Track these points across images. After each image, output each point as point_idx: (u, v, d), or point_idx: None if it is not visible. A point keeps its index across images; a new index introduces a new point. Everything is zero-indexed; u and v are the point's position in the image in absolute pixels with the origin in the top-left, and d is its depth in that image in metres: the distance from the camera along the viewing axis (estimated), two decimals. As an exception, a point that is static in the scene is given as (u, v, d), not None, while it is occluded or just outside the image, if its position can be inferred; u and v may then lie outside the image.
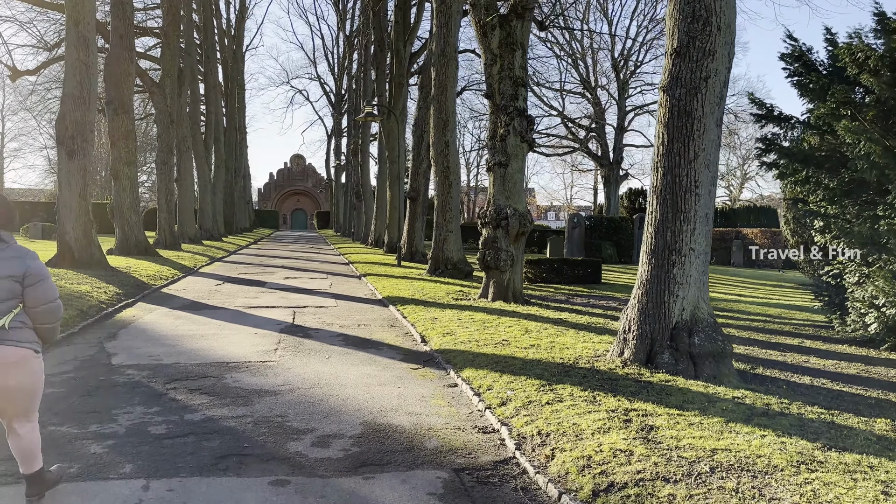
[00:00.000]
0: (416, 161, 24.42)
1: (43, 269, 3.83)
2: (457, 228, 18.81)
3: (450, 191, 18.61)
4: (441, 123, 18.63)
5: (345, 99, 64.93)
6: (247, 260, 25.64)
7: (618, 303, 14.04)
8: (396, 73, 29.49)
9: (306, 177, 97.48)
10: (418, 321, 10.49)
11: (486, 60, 13.28)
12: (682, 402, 5.70)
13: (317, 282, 17.58)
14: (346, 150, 57.24)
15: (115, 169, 21.78)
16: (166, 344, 8.76)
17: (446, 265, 18.57)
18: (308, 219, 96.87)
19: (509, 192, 13.05)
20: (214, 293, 14.56)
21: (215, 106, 42.10)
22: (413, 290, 14.79)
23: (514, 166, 13.05)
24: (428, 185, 24.61)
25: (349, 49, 58.08)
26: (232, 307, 12.40)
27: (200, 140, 38.20)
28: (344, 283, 17.66)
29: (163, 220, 27.43)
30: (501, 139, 12.98)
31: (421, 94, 24.35)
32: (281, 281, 17.49)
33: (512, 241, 13.01)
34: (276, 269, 21.11)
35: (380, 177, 33.91)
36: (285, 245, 40.00)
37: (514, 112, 12.93)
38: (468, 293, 14.42)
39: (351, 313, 11.92)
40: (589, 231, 33.30)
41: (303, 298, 13.88)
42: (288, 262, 24.44)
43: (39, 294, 3.77)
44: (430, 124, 18.87)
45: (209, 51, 40.46)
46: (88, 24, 16.45)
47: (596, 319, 10.91)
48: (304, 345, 8.83)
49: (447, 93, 18.56)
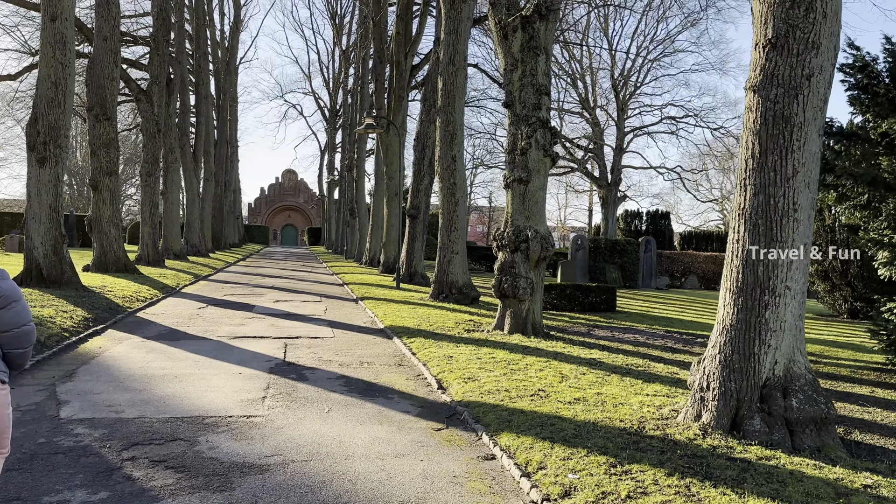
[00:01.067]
0: (416, 177, 23.06)
1: (15, 289, 3.47)
2: (463, 249, 17.40)
3: (456, 208, 17.22)
4: (448, 136, 17.28)
5: (339, 114, 63.72)
6: (234, 279, 24.09)
7: (646, 337, 12.63)
8: (397, 85, 28.21)
9: (298, 192, 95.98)
10: (431, 359, 9.03)
11: (506, 66, 11.95)
12: (807, 498, 4.27)
13: (310, 306, 16.09)
14: (339, 166, 55.90)
15: (95, 179, 20.27)
16: (132, 388, 7.26)
17: (451, 289, 17.13)
18: (299, 235, 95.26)
19: (530, 211, 11.67)
20: (196, 319, 13.03)
21: (206, 117, 40.68)
22: (418, 318, 13.33)
23: (536, 183, 11.68)
24: (429, 203, 23.23)
25: (345, 63, 56.97)
26: (214, 337, 10.89)
27: (189, 152, 36.74)
28: (340, 307, 16.17)
29: (146, 235, 25.87)
30: (522, 153, 11.62)
31: (423, 106, 23.05)
32: (271, 304, 15.99)
33: (532, 267, 11.61)
34: (265, 290, 19.59)
35: (376, 193, 32.49)
36: (275, 262, 38.44)
37: (537, 123, 11.58)
38: (480, 323, 12.98)
39: (350, 347, 10.44)
40: (592, 254, 31.98)
41: (295, 326, 12.39)
42: (278, 282, 22.93)
43: (12, 317, 3.41)
44: (436, 137, 17.53)
45: (201, 60, 39.11)
46: (66, 21, 15.02)
47: (634, 360, 9.48)
48: (297, 391, 7.35)
49: (455, 104, 17.23)
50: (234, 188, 59.27)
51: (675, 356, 10.34)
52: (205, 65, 40.35)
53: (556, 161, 11.94)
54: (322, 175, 76.33)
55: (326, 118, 70.57)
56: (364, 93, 38.34)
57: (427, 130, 22.89)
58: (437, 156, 17.50)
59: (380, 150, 31.66)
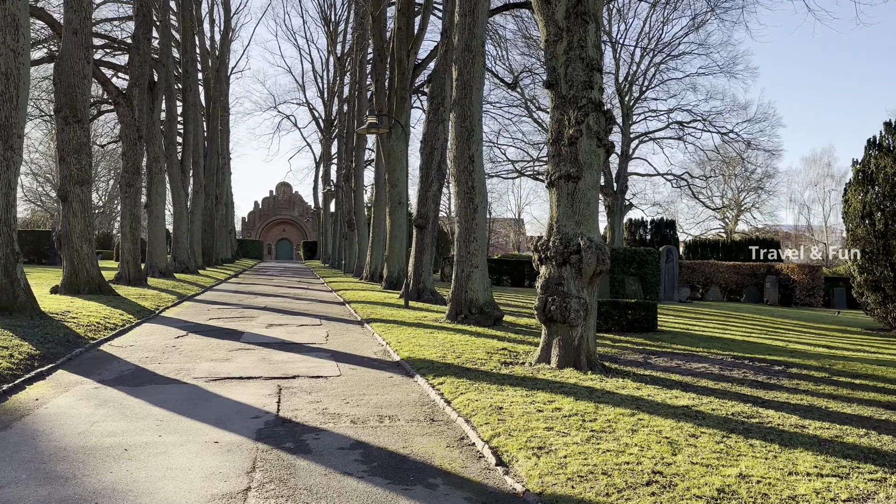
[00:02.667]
0: (424, 183, 20.82)
1: None
2: (483, 263, 15.15)
3: (475, 216, 14.98)
4: (464, 133, 15.06)
5: (335, 124, 61.66)
6: (223, 298, 21.77)
7: (717, 366, 10.39)
8: (398, 85, 26.05)
9: (293, 205, 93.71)
10: (473, 412, 6.75)
11: (548, 37, 9.75)
12: None
13: (308, 331, 13.78)
14: (335, 177, 53.70)
15: (64, 189, 17.99)
16: (57, 474, 4.96)
17: (470, 309, 14.86)
18: (294, 249, 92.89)
19: (581, 215, 9.44)
20: (171, 352, 10.72)
21: (194, 126, 38.44)
22: (439, 346, 11.05)
23: (588, 180, 9.46)
24: (438, 211, 21.00)
25: (340, 71, 54.95)
26: (189, 379, 8.59)
27: (177, 162, 34.46)
28: (343, 332, 13.88)
29: (126, 251, 23.55)
30: (570, 143, 9.39)
31: (430, 105, 20.87)
32: (262, 330, 13.68)
33: (585, 285, 9.36)
34: (257, 312, 17.27)
35: (377, 203, 30.25)
36: (269, 278, 36.10)
37: (589, 105, 9.37)
38: (516, 353, 10.70)
39: (363, 390, 8.15)
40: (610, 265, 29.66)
41: (291, 360, 10.09)
42: (272, 302, 20.61)
43: None
44: (451, 134, 15.33)
45: (188, 65, 36.91)
46: (19, 0, 12.80)
47: (736, 406, 7.21)
48: (296, 475, 5.05)
49: (472, 95, 15.02)
50: (226, 201, 56.96)
51: (773, 395, 8.10)
52: (193, 71, 38.18)
53: (612, 152, 9.73)
54: (317, 187, 74.22)
55: (321, 128, 68.56)
56: (362, 98, 36.19)
57: (435, 131, 20.69)
58: (452, 156, 15.28)
59: (380, 156, 29.46)
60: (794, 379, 9.71)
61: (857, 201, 21.28)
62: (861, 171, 21.38)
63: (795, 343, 15.32)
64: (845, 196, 22.34)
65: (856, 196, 21.42)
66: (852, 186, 21.75)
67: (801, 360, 11.87)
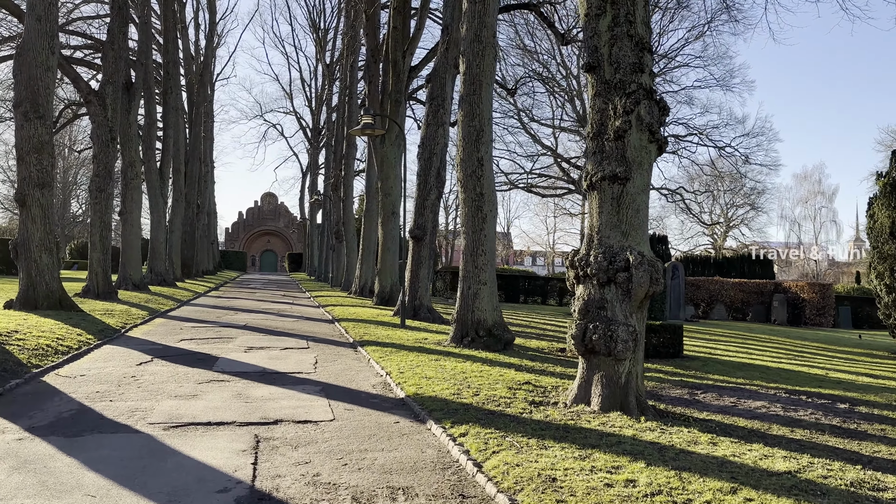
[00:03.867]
0: (421, 191, 19.12)
1: None
2: (492, 279, 13.45)
3: (483, 226, 13.30)
4: (473, 133, 13.41)
5: (322, 133, 59.93)
6: (200, 314, 19.88)
7: (779, 405, 8.76)
8: (393, 88, 24.42)
9: (278, 216, 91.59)
10: (520, 487, 5.01)
11: (589, 10, 8.13)
12: None
13: (294, 356, 11.98)
14: (323, 187, 51.89)
15: (22, 192, 16.12)
16: None
17: (477, 331, 13.14)
18: (279, 261, 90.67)
19: (629, 224, 7.78)
20: (128, 385, 8.90)
21: (175, 131, 36.55)
22: (450, 378, 9.32)
23: (638, 182, 7.81)
24: (437, 222, 19.30)
25: (329, 79, 53.33)
26: (143, 425, 6.81)
27: (155, 168, 32.57)
28: (334, 357, 12.09)
29: (95, 261, 21.63)
30: (616, 137, 7.75)
31: (430, 107, 19.21)
32: (240, 355, 11.86)
33: (635, 309, 7.69)
34: (235, 332, 15.44)
35: (367, 213, 28.51)
36: (252, 291, 34.17)
37: (640, 92, 7.75)
38: (542, 387, 8.99)
39: (365, 446, 6.39)
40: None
41: (273, 398, 8.31)
42: (253, 319, 18.77)
43: None
44: (458, 135, 13.66)
45: (170, 66, 35.06)
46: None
47: (853, 472, 5.55)
48: None
49: (482, 91, 13.38)
50: (208, 210, 54.96)
51: (870, 448, 6.49)
52: (175, 73, 36.33)
53: (665, 149, 8.09)
54: (304, 197, 72.28)
55: (309, 138, 66.82)
56: (352, 104, 34.54)
57: (434, 135, 19.03)
58: (459, 159, 13.60)
59: (372, 163, 27.76)
60: (873, 422, 8.11)
61: (885, 217, 19.86)
62: (889, 185, 19.98)
63: (833, 371, 13.76)
64: (870, 211, 20.92)
65: (883, 211, 20.01)
66: (879, 200, 20.33)
67: (860, 395, 10.29)
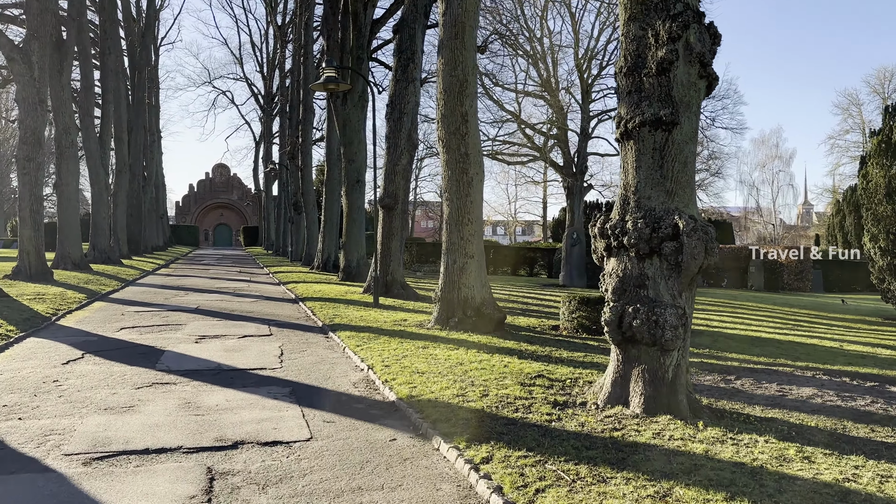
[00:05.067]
0: (391, 155, 17.33)
1: None
2: (479, 251, 11.87)
3: (469, 191, 11.67)
4: (455, 85, 11.68)
5: (276, 99, 57.18)
6: (146, 296, 17.87)
7: (834, 392, 7.44)
8: (354, 44, 22.41)
9: (231, 188, 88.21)
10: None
11: (621, -89, 6.48)
12: None
13: (255, 346, 10.24)
14: (278, 156, 49.39)
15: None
16: None
17: (465, 310, 11.58)
18: (233, 235, 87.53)
19: (676, 181, 6.25)
20: (47, 394, 7.09)
21: (116, 96, 33.81)
22: (447, 372, 7.76)
23: (686, 128, 6.27)
24: (408, 189, 17.59)
25: (282, 41, 50.62)
26: (55, 458, 5.07)
27: (94, 136, 29.88)
28: (303, 346, 10.40)
29: (25, 239, 19.37)
30: (660, 70, 6.17)
31: (398, 61, 17.33)
32: (191, 347, 10.08)
33: (685, 286, 6.21)
34: (186, 317, 13.58)
35: (329, 182, 26.55)
36: (205, 268, 31.99)
37: (688, 14, 6.16)
38: (560, 382, 7.47)
39: (357, 482, 4.78)
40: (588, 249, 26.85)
41: (231, 407, 6.61)
42: (206, 300, 16.88)
43: None
44: (438, 87, 11.90)
45: (107, 26, 32.17)
46: None
47: None
48: None
49: (465, 36, 11.63)
50: (156, 182, 51.99)
51: None
52: (113, 33, 33.45)
53: (714, 86, 6.54)
54: (258, 168, 69.37)
55: (261, 105, 63.85)
56: (308, 65, 32.26)
57: (404, 92, 17.20)
58: (440, 115, 11.88)
59: (333, 127, 25.75)
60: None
61: (880, 176, 18.84)
62: (884, 142, 18.95)
63: (847, 343, 12.65)
64: (863, 170, 19.91)
65: (877, 170, 18.99)
66: (873, 159, 19.29)
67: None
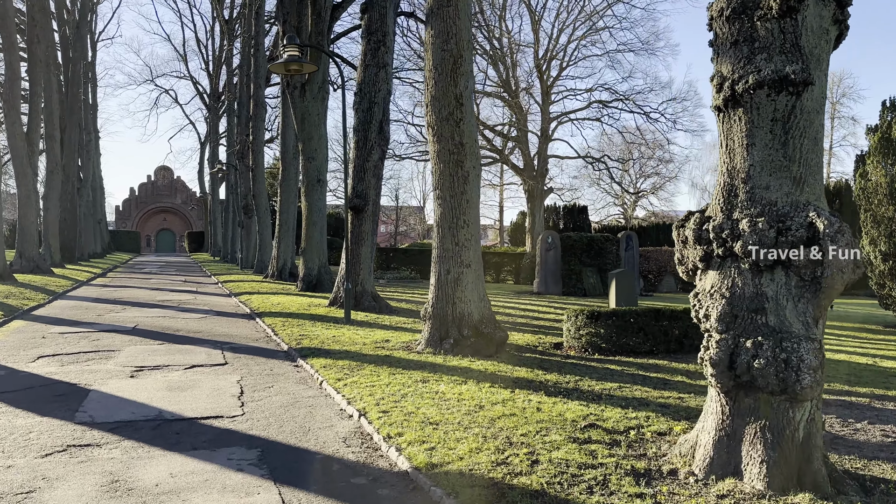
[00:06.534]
0: (360, 150, 15.34)
1: None
2: (477, 259, 10.02)
3: (465, 188, 9.82)
4: (448, 61, 9.82)
5: (222, 98, 54.35)
6: (75, 312, 15.44)
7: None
8: (313, 30, 20.34)
9: (174, 192, 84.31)
10: None
11: None
12: None
13: (207, 381, 8.15)
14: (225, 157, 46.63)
15: None
16: None
17: (461, 330, 9.71)
18: (177, 241, 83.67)
19: (805, 163, 4.52)
20: None
21: (47, 91, 30.85)
22: (470, 423, 5.88)
23: (818, 92, 4.56)
24: (380, 188, 15.61)
25: (229, 36, 48.03)
26: None
27: (20, 133, 27.00)
28: (268, 380, 8.36)
29: (-69, 248, 16.74)
30: (783, 12, 4.44)
31: (368, 44, 15.36)
32: (124, 384, 7.93)
33: (823, 311, 4.48)
34: (120, 340, 11.33)
35: (285, 183, 24.34)
36: (146, 277, 29.30)
37: (823, -67, 4.46)
38: (618, 432, 5.67)
39: None
40: (564, 254, 25.42)
41: (177, 488, 4.58)
42: (146, 316, 14.58)
43: None
44: (428, 65, 10.01)
45: (35, 12, 29.22)
46: None
47: None
48: None
49: (459, 4, 9.79)
50: (93, 185, 48.58)
51: None
52: (43, 20, 30.48)
53: (845, 36, 4.85)
54: (203, 170, 66.10)
55: (207, 104, 60.79)
56: (259, 57, 29.94)
57: (375, 79, 15.24)
58: (430, 97, 9.99)
59: (289, 123, 23.56)
60: None
61: (881, 175, 17.76)
62: (884, 139, 17.88)
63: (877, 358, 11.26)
64: (861, 170, 18.81)
65: (878, 169, 17.91)
66: (872, 157, 18.20)
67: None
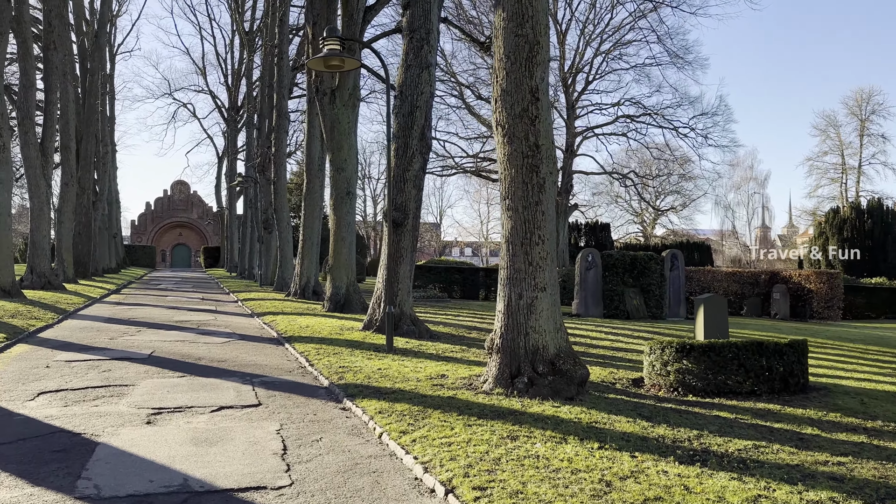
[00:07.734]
0: (401, 159, 13.92)
1: None
2: (553, 282, 8.50)
3: (540, 197, 8.33)
4: (523, 48, 8.37)
5: (242, 112, 53.36)
6: (86, 334, 14.02)
7: None
8: (345, 33, 19.04)
9: (191, 206, 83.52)
10: None
11: None
12: None
13: (239, 432, 6.64)
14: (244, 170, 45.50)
15: None
16: None
17: (534, 365, 8.17)
18: (192, 256, 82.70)
19: None
20: None
21: (64, 100, 29.85)
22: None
23: None
24: (420, 200, 14.15)
25: (249, 48, 47.06)
26: None
27: (35, 142, 25.90)
28: (314, 430, 6.82)
29: (-68, 262, 15.44)
30: None
31: (410, 42, 13.98)
32: (138, 435, 6.44)
33: None
34: (134, 369, 9.87)
35: (309, 196, 22.97)
36: (162, 294, 27.96)
37: None
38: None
39: None
40: (605, 273, 23.77)
41: None
42: (163, 340, 13.13)
43: None
44: (497, 55, 8.57)
45: (51, 18, 28.22)
46: None
47: None
48: None
49: (536, -18, 8.36)
50: (109, 199, 47.55)
51: None
52: (60, 27, 29.45)
53: None
54: (220, 184, 65.12)
55: (225, 118, 59.94)
56: (283, 65, 28.74)
57: (417, 81, 13.85)
58: (499, 91, 8.53)
59: (314, 133, 22.25)
60: None
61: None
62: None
63: None
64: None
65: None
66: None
67: None
